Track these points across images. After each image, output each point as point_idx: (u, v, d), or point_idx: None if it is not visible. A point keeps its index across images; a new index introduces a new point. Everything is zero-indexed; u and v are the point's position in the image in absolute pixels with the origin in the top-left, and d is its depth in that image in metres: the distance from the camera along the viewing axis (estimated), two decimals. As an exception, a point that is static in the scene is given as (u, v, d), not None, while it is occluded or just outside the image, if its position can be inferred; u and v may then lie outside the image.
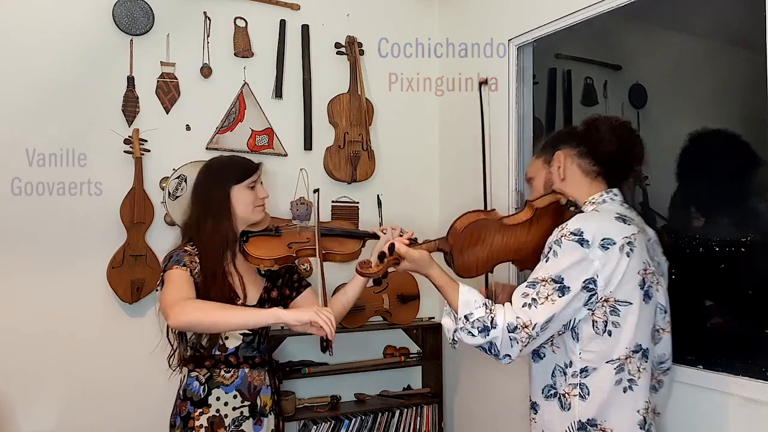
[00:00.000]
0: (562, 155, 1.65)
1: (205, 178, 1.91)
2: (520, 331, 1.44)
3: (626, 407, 1.51)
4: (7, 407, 2.38)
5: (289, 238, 1.95)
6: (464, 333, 1.49)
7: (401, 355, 3.03)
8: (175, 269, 1.76)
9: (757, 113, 1.79)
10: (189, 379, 1.85)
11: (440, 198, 3.23)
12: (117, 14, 2.54)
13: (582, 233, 1.47)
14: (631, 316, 1.49)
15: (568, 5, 2.37)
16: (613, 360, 1.50)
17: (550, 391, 1.58)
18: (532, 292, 1.48)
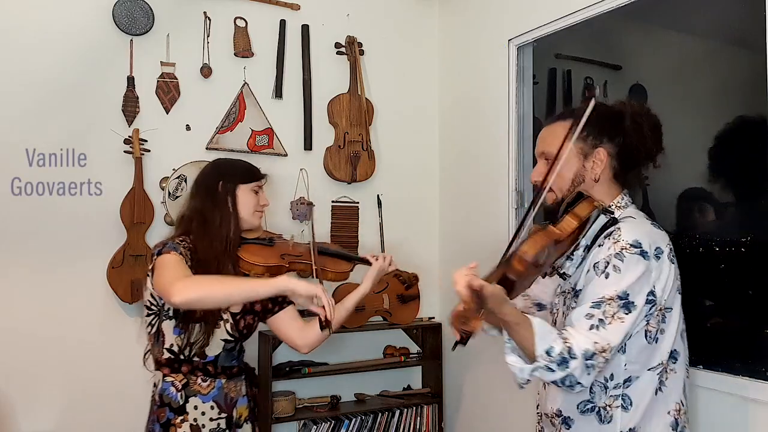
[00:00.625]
0: (605, 154, 1.49)
1: (213, 172, 1.87)
2: (597, 356, 1.32)
3: (657, 410, 1.45)
4: (7, 407, 2.38)
5: (282, 249, 1.93)
6: (544, 370, 1.32)
7: (401, 355, 3.03)
8: (171, 254, 1.67)
9: (757, 113, 1.79)
10: (164, 383, 1.74)
11: (440, 198, 3.23)
12: (117, 14, 2.54)
13: (641, 245, 1.38)
14: (673, 322, 1.44)
15: (568, 5, 2.37)
16: (654, 367, 1.44)
17: (587, 406, 1.47)
18: (598, 313, 1.36)
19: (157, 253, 1.70)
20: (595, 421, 1.45)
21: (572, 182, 1.51)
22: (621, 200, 1.52)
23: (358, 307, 2.79)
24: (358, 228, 3.02)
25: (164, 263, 1.66)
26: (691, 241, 1.96)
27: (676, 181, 2.08)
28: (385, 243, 3.07)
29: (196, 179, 1.90)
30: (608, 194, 1.52)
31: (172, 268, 1.63)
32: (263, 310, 1.90)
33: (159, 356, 1.76)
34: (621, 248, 1.38)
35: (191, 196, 1.87)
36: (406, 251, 3.12)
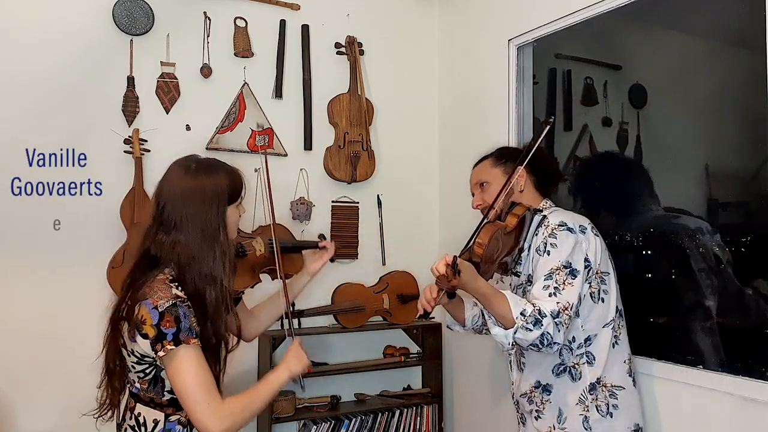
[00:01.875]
0: (524, 171, 1.89)
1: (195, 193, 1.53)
2: (562, 314, 1.63)
3: (617, 360, 1.79)
4: (7, 407, 2.38)
5: (253, 259, 1.80)
6: (523, 330, 1.60)
7: (401, 355, 3.03)
8: (192, 346, 1.43)
9: (757, 113, 1.79)
10: (168, 424, 1.53)
11: (440, 198, 3.23)
12: (117, 14, 2.54)
13: (566, 224, 1.75)
14: (613, 283, 1.81)
15: (568, 5, 2.37)
16: (608, 323, 1.78)
17: (560, 368, 1.78)
18: (551, 283, 1.68)
19: (172, 338, 1.41)
20: (569, 380, 1.77)
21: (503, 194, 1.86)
22: (546, 203, 1.94)
23: (358, 308, 2.82)
24: (358, 228, 3.02)
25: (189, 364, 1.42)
26: (692, 241, 1.97)
27: (676, 181, 2.08)
28: (385, 243, 3.07)
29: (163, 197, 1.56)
30: (534, 201, 1.91)
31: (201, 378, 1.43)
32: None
33: (158, 399, 1.55)
34: (552, 229, 1.75)
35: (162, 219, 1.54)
36: (406, 251, 3.12)
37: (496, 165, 1.96)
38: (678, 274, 1.99)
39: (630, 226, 2.16)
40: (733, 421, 1.78)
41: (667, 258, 2.03)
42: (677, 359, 1.95)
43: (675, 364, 1.95)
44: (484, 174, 1.97)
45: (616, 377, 1.78)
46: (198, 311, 1.48)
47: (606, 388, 1.76)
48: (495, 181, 1.92)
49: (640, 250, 2.11)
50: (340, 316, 2.80)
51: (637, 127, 2.25)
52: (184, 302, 1.46)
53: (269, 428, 2.61)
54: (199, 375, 1.43)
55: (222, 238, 1.52)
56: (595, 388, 1.76)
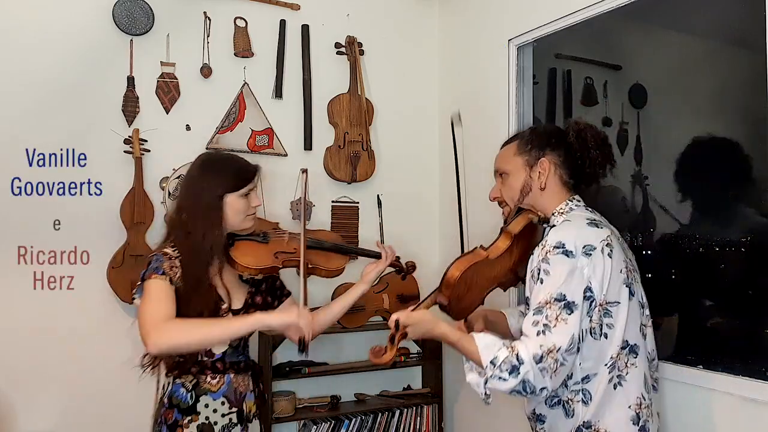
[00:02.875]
0: (548, 164, 1.60)
1: (198, 177, 1.77)
2: (546, 358, 1.39)
3: (617, 404, 1.50)
4: (7, 407, 2.38)
5: (277, 246, 1.87)
6: (496, 380, 1.41)
7: (401, 355, 3.03)
8: (154, 279, 1.64)
9: (757, 113, 1.79)
10: (174, 386, 1.75)
11: (440, 198, 3.23)
12: (117, 14, 2.54)
13: (564, 245, 1.45)
14: (621, 315, 1.49)
15: (568, 5, 2.37)
16: (607, 362, 1.49)
17: (553, 400, 1.56)
18: (541, 318, 1.43)
19: (142, 276, 1.68)
20: (562, 415, 1.53)
21: (521, 192, 1.64)
22: (564, 206, 1.61)
23: (358, 307, 2.81)
24: (358, 228, 3.02)
25: (146, 293, 1.64)
26: (692, 241, 1.96)
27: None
28: (385, 243, 3.07)
29: (183, 181, 1.82)
30: (553, 201, 1.62)
31: (152, 303, 1.62)
32: (264, 304, 1.90)
33: (169, 360, 1.76)
34: (546, 252, 1.47)
35: (179, 198, 1.81)
36: (406, 251, 3.11)
37: (520, 152, 1.64)
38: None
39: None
40: (733, 421, 1.78)
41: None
42: (677, 359, 1.95)
43: (675, 364, 1.95)
44: (504, 161, 1.68)
45: (614, 424, 1.49)
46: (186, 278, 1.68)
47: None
48: (515, 172, 1.64)
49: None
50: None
51: (637, 127, 2.26)
52: (166, 254, 1.69)
53: (269, 428, 2.61)
54: (152, 299, 1.63)
55: (215, 220, 1.72)
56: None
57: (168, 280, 1.65)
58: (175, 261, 1.69)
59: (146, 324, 1.58)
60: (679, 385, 1.91)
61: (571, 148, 1.60)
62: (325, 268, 1.96)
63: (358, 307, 2.81)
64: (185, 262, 1.69)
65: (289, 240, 1.92)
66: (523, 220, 1.60)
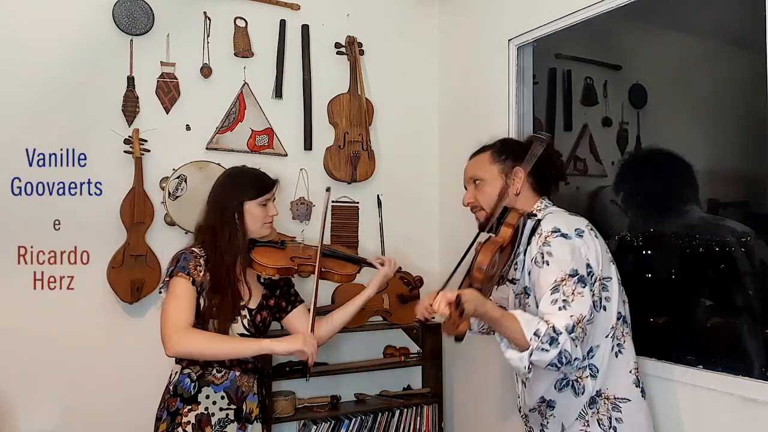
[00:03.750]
0: (522, 173, 1.75)
1: (223, 186, 1.97)
2: (577, 328, 1.50)
3: (621, 370, 1.66)
4: (7, 407, 2.38)
5: (293, 252, 2.06)
6: (540, 352, 1.48)
7: (401, 355, 3.03)
8: (179, 278, 1.81)
9: (757, 113, 1.79)
10: (181, 375, 1.87)
11: (440, 198, 3.23)
12: (117, 14, 2.54)
13: (559, 229, 1.61)
14: (614, 288, 1.66)
15: (568, 5, 2.37)
16: (608, 333, 1.65)
17: (562, 383, 1.67)
18: (559, 296, 1.54)
19: (169, 273, 1.84)
20: (572, 395, 1.66)
21: (499, 197, 1.76)
22: (540, 204, 1.79)
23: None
24: (358, 228, 3.02)
25: (172, 292, 1.81)
26: (692, 241, 1.96)
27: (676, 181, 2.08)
28: (385, 243, 3.07)
29: (211, 191, 1.99)
30: (529, 203, 1.79)
31: (177, 305, 1.79)
32: (277, 307, 2.05)
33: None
34: (545, 237, 1.62)
35: (206, 207, 1.98)
36: (406, 251, 3.12)
37: (494, 161, 1.81)
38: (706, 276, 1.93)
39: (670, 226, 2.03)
40: (733, 421, 1.78)
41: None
42: (677, 359, 1.95)
43: (675, 364, 1.95)
44: (479, 169, 1.83)
45: (620, 388, 1.65)
46: (213, 272, 1.85)
47: (608, 400, 1.65)
48: (491, 180, 1.79)
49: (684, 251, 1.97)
50: (340, 316, 2.80)
51: (637, 127, 2.25)
52: (193, 253, 1.86)
53: (269, 428, 2.60)
54: (175, 299, 1.79)
55: (237, 224, 1.90)
56: (595, 401, 1.65)
57: (191, 281, 1.82)
58: (200, 260, 1.86)
59: (169, 327, 1.76)
60: (679, 385, 1.91)
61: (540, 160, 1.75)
62: (339, 273, 2.12)
63: (358, 307, 2.82)
64: (213, 261, 1.87)
65: (305, 248, 2.11)
66: (516, 215, 1.69)
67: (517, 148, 1.83)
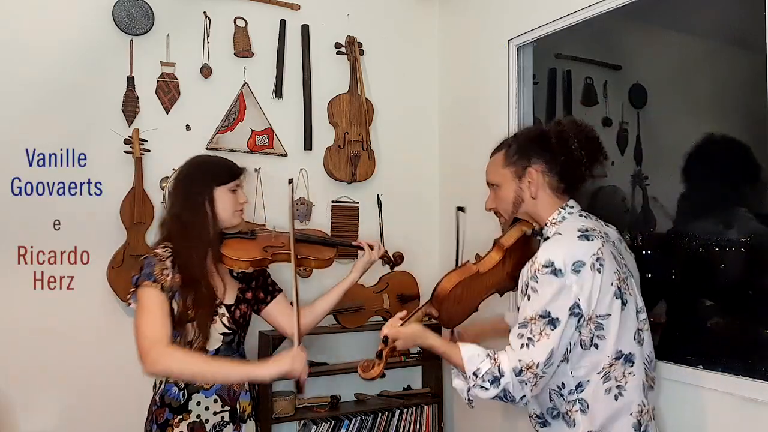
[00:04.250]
0: (536, 174, 1.62)
1: (189, 174, 1.83)
2: (525, 372, 1.47)
3: (621, 414, 1.55)
4: (7, 407, 2.38)
5: (265, 242, 1.94)
6: (477, 389, 1.51)
7: (401, 355, 3.02)
8: (146, 288, 1.67)
9: (757, 113, 1.80)
10: (167, 385, 1.77)
11: (440, 198, 3.23)
12: (117, 14, 2.54)
13: (553, 263, 1.47)
14: (612, 327, 1.52)
15: (568, 5, 2.37)
16: (600, 371, 1.54)
17: (554, 412, 1.61)
18: (525, 332, 1.50)
19: (135, 282, 1.71)
20: (564, 426, 1.59)
21: (513, 204, 1.66)
22: (557, 215, 1.62)
23: (358, 308, 2.81)
24: (358, 228, 3.02)
25: (141, 304, 1.68)
26: (692, 241, 1.96)
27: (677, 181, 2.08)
28: (385, 243, 3.07)
29: (174, 181, 1.87)
30: (547, 209, 1.63)
31: (149, 319, 1.65)
32: (255, 299, 1.94)
33: None
34: (535, 270, 1.50)
35: (170, 199, 1.85)
36: (406, 251, 3.10)
37: (507, 164, 1.66)
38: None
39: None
40: (733, 421, 1.78)
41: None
42: (677, 359, 1.95)
43: (675, 364, 1.95)
44: (494, 174, 1.70)
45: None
46: (183, 267, 1.72)
47: None
48: (505, 184, 1.66)
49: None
50: (340, 316, 2.79)
51: (637, 127, 2.26)
52: (156, 256, 1.72)
53: (269, 428, 2.61)
54: (148, 312, 1.66)
55: (207, 211, 1.77)
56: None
57: (160, 288, 1.68)
58: (166, 262, 1.71)
59: (144, 343, 1.63)
60: (679, 385, 1.91)
61: (554, 152, 1.60)
62: (315, 258, 1.99)
63: (358, 307, 2.82)
64: (183, 255, 1.73)
65: (277, 235, 1.98)
66: (516, 233, 1.64)
67: (529, 142, 1.66)
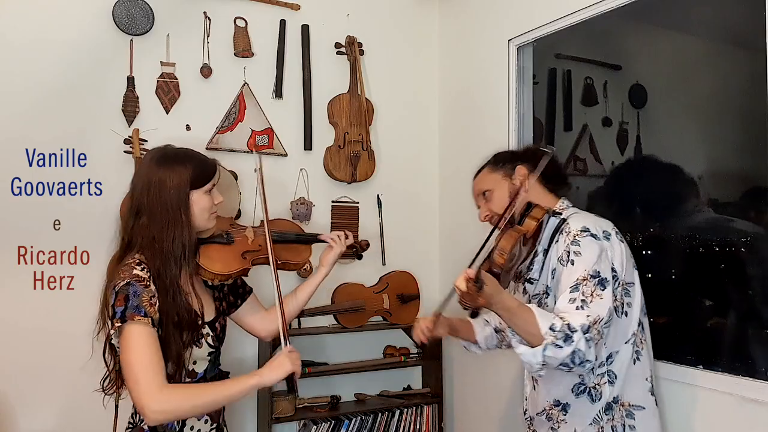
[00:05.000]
0: (524, 170, 1.74)
1: (157, 175, 1.57)
2: (592, 329, 1.47)
3: (638, 377, 1.64)
4: (7, 407, 2.38)
5: (242, 246, 1.76)
6: (554, 347, 1.45)
7: (401, 355, 3.03)
8: (137, 324, 1.44)
9: (757, 113, 1.80)
10: None
11: (440, 198, 3.23)
12: (117, 14, 2.54)
13: (588, 229, 1.59)
14: (637, 294, 1.64)
15: (568, 5, 2.37)
16: (629, 339, 1.62)
17: (579, 388, 1.64)
18: (578, 295, 1.52)
19: (120, 315, 1.46)
20: (588, 401, 1.63)
21: (510, 197, 1.73)
22: (563, 203, 1.77)
23: (358, 308, 2.82)
24: (358, 228, 3.02)
25: (132, 345, 1.44)
26: (692, 241, 1.96)
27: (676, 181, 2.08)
28: (385, 243, 3.07)
29: (138, 181, 1.61)
30: (544, 200, 1.74)
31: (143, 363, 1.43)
32: (229, 305, 1.80)
33: None
34: (574, 236, 1.59)
35: (131, 202, 1.61)
36: (406, 251, 3.12)
37: (494, 170, 1.83)
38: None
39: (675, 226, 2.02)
40: (733, 421, 1.78)
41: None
42: (677, 359, 1.95)
43: (675, 364, 1.95)
44: (484, 182, 1.84)
45: (636, 396, 1.64)
46: (161, 290, 1.51)
47: (623, 407, 1.63)
48: (497, 186, 1.79)
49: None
50: (340, 316, 2.80)
51: (637, 127, 2.26)
52: (141, 281, 1.48)
53: (269, 428, 2.61)
54: (142, 353, 1.44)
55: (183, 220, 1.55)
56: (612, 408, 1.62)
57: (150, 323, 1.45)
58: (151, 287, 1.50)
59: (141, 393, 1.42)
60: (679, 385, 1.91)
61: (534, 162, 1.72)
62: (294, 262, 1.89)
63: (358, 307, 2.82)
64: (163, 276, 1.51)
65: (254, 237, 1.81)
66: (541, 211, 1.65)
67: (510, 154, 1.88)
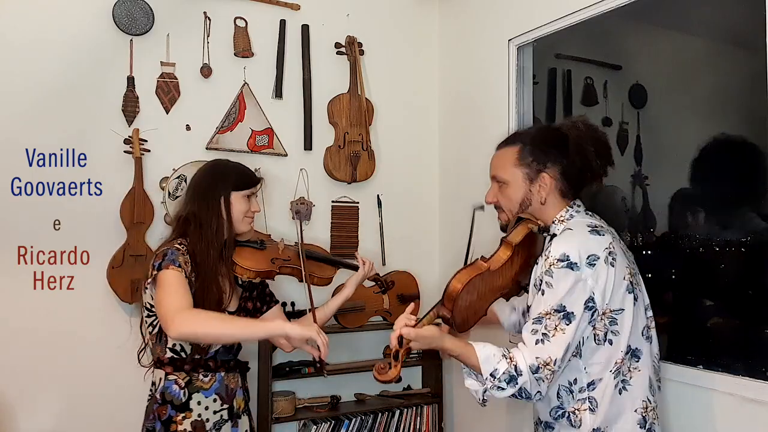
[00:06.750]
0: (549, 179, 1.61)
1: (209, 175, 1.90)
2: (542, 369, 1.46)
3: (625, 409, 1.53)
4: (7, 407, 2.38)
5: (272, 253, 1.99)
6: (495, 390, 1.48)
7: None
8: (171, 270, 1.70)
9: (757, 113, 1.80)
10: (167, 382, 1.79)
11: (440, 198, 3.23)
12: (117, 14, 2.54)
13: (568, 257, 1.48)
14: (626, 322, 1.52)
15: (568, 5, 2.37)
16: (612, 368, 1.53)
17: (558, 412, 1.58)
18: (540, 328, 1.48)
19: (157, 266, 1.72)
20: (568, 426, 1.56)
21: (520, 205, 1.65)
22: (565, 213, 1.62)
23: (358, 308, 2.82)
24: (358, 228, 3.02)
25: (165, 282, 1.69)
26: (692, 241, 1.96)
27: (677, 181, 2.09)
28: (385, 243, 3.07)
29: (193, 181, 1.93)
30: (553, 212, 1.63)
31: (173, 292, 1.68)
32: (254, 309, 2.00)
33: (161, 355, 1.81)
34: (549, 264, 1.49)
35: (188, 198, 1.90)
36: (406, 251, 3.12)
37: (520, 163, 1.62)
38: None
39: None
40: (733, 421, 1.78)
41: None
42: (678, 359, 1.95)
43: (675, 364, 1.95)
44: (503, 170, 1.65)
45: (623, 429, 1.53)
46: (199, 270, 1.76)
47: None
48: (514, 184, 1.63)
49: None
50: (340, 316, 2.79)
51: (637, 127, 2.26)
52: (179, 249, 1.75)
53: (269, 428, 2.61)
54: (174, 290, 1.68)
55: (224, 215, 1.83)
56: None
57: (183, 273, 1.71)
58: (186, 256, 1.76)
59: (169, 310, 1.63)
60: (679, 385, 1.92)
61: (571, 160, 1.60)
62: (319, 276, 2.08)
63: (358, 307, 2.82)
64: (199, 255, 1.77)
65: (284, 249, 2.04)
66: (523, 230, 1.61)
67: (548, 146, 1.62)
